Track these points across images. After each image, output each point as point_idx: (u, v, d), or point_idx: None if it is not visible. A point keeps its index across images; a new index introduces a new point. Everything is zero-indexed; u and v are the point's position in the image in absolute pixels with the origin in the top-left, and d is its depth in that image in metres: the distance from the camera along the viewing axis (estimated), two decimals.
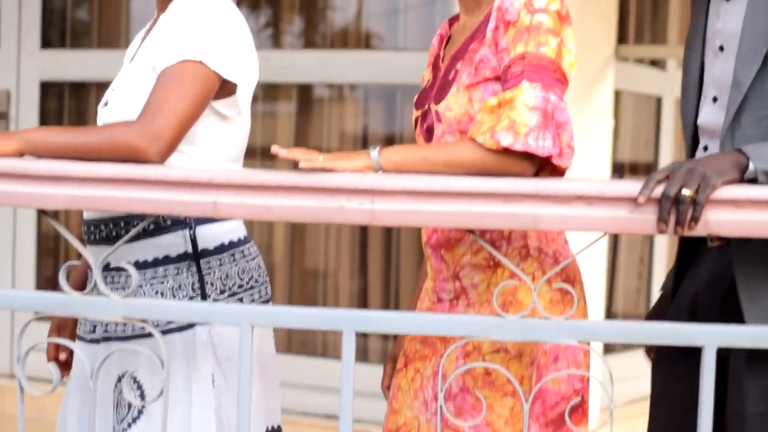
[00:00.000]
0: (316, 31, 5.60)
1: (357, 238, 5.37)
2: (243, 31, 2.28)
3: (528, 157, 2.03)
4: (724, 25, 2.16)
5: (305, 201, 1.91)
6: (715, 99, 2.17)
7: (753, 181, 1.90)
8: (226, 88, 2.24)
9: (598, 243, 2.15)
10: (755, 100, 2.07)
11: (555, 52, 2.09)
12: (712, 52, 2.19)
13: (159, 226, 2.26)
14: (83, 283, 2.43)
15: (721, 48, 2.16)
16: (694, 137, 2.24)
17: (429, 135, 2.23)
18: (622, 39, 5.38)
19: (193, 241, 2.26)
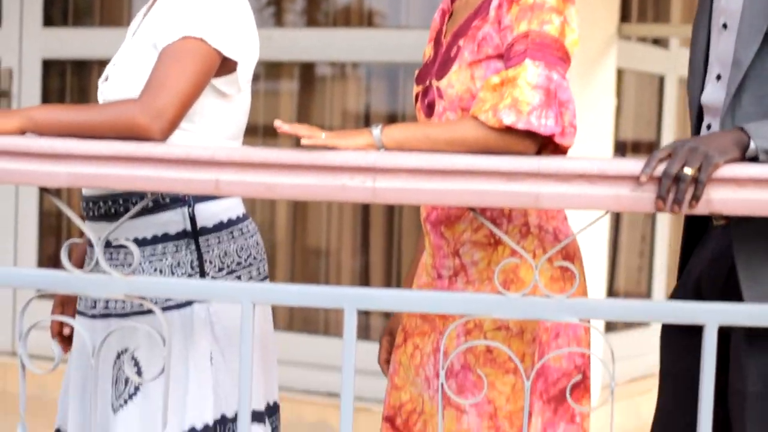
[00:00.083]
0: (318, 9, 5.59)
1: (359, 216, 5.37)
2: (244, 8, 2.28)
3: (530, 136, 2.02)
4: (727, 3, 2.15)
5: (307, 179, 1.91)
6: (719, 77, 2.17)
7: (754, 159, 1.90)
8: (226, 66, 2.23)
9: (599, 221, 2.15)
10: (756, 78, 2.06)
11: (558, 30, 2.08)
12: (717, 30, 2.18)
13: (158, 203, 2.26)
14: (83, 261, 2.43)
15: (724, 26, 2.15)
16: (699, 115, 2.23)
17: (430, 111, 2.23)
18: (624, 17, 5.36)
19: (192, 219, 2.26)
